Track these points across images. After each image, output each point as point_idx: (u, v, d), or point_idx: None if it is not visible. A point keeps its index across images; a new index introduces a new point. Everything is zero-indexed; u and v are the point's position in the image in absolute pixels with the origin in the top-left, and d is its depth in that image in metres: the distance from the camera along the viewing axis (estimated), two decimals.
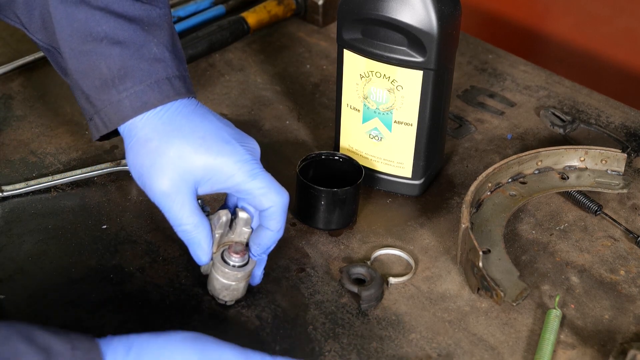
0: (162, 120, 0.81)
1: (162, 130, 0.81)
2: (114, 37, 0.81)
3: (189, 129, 0.81)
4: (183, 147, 0.80)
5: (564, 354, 0.82)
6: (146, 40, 0.82)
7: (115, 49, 0.81)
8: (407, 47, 0.89)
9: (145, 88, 0.81)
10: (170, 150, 0.80)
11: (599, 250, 0.93)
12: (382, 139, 0.96)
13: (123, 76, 0.81)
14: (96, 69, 0.81)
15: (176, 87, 0.82)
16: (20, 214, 0.95)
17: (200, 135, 0.81)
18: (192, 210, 0.81)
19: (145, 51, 0.82)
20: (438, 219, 0.97)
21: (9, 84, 1.14)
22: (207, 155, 0.80)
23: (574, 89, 1.17)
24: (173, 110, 0.82)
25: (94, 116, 0.83)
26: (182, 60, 0.85)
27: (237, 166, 0.81)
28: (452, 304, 0.87)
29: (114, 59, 0.81)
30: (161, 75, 0.82)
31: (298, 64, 1.21)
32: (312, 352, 0.81)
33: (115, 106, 0.81)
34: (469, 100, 1.15)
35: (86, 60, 0.81)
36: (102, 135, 0.85)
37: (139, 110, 0.81)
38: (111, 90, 0.81)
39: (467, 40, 1.26)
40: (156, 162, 0.80)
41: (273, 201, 0.81)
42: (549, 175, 0.99)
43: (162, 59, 0.82)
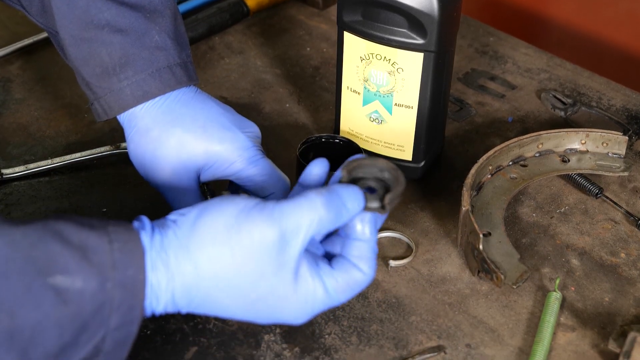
0: (162, 109, 0.81)
1: (162, 119, 0.80)
2: (116, 24, 0.80)
3: (189, 117, 0.80)
4: (183, 135, 0.80)
5: (564, 336, 0.82)
6: (148, 28, 0.81)
7: (116, 36, 0.80)
8: (407, 29, 0.89)
9: (147, 77, 0.80)
10: (171, 139, 0.80)
11: (599, 233, 0.93)
12: (383, 121, 0.96)
13: (124, 64, 0.80)
14: (97, 57, 0.80)
15: (177, 75, 0.82)
16: (20, 197, 0.95)
17: (200, 123, 0.80)
18: (194, 199, 0.81)
19: (146, 39, 0.81)
20: (438, 201, 0.97)
21: (7, 67, 1.14)
22: (208, 143, 0.80)
23: (575, 72, 1.17)
24: (173, 99, 0.81)
25: (94, 102, 0.83)
26: (185, 46, 0.85)
27: (237, 153, 0.81)
28: (452, 286, 0.87)
29: (115, 47, 0.80)
30: (162, 63, 0.81)
31: (298, 47, 1.21)
32: (313, 335, 0.81)
33: (116, 94, 0.81)
34: (470, 83, 1.14)
35: (87, 47, 0.81)
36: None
37: (140, 99, 0.80)
38: (112, 79, 0.80)
39: (468, 23, 1.25)
40: (157, 151, 0.80)
41: (274, 188, 0.81)
42: (549, 158, 0.99)
43: (163, 47, 0.82)
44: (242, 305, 0.66)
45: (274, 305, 0.66)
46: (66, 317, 0.60)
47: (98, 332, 0.61)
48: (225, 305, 0.66)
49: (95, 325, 0.61)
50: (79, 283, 0.60)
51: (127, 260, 0.62)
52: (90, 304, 0.60)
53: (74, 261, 0.60)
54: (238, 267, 0.64)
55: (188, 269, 0.64)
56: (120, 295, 0.61)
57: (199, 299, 0.65)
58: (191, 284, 0.65)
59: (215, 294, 0.65)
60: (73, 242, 0.61)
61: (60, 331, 0.59)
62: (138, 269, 0.62)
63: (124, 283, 0.61)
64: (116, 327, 0.62)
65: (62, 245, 0.61)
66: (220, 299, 0.65)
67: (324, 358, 0.79)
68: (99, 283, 0.60)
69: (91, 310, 0.60)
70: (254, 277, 0.65)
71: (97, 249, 0.61)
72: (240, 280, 0.64)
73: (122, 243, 0.62)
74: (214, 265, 0.64)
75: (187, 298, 0.65)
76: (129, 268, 0.62)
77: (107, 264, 0.61)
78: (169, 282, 0.64)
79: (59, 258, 0.60)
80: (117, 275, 0.61)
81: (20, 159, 0.99)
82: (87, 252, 0.61)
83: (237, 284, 0.65)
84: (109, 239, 0.62)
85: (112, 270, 0.61)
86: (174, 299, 0.65)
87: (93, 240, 0.62)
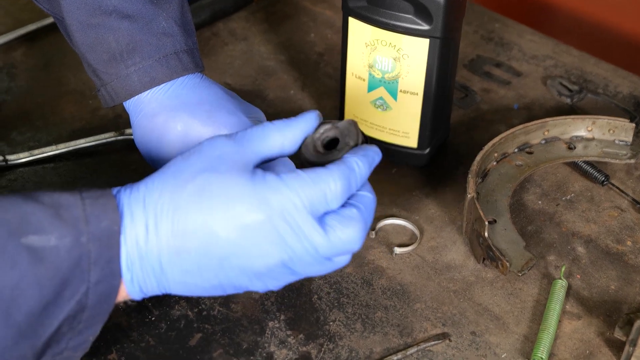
0: (168, 95, 0.81)
1: (169, 105, 0.80)
2: (123, 10, 0.80)
3: (195, 103, 0.80)
4: (190, 121, 0.79)
5: (569, 324, 0.82)
6: (155, 14, 0.81)
7: (124, 22, 0.80)
8: (413, 14, 0.88)
9: (154, 63, 0.80)
10: (177, 125, 0.79)
11: (605, 220, 0.93)
12: (388, 108, 0.95)
13: (131, 51, 0.80)
14: (104, 43, 0.80)
15: (184, 62, 0.82)
16: (25, 183, 0.94)
17: (206, 108, 0.80)
18: None
19: (154, 25, 0.81)
20: (443, 189, 0.96)
21: (11, 54, 1.14)
22: (214, 128, 0.79)
23: (582, 59, 1.16)
24: (179, 85, 0.81)
25: (101, 88, 0.83)
26: (191, 33, 0.84)
27: None
28: (457, 274, 0.86)
29: (122, 33, 0.80)
30: (169, 50, 0.81)
31: (302, 33, 1.20)
32: (317, 322, 0.81)
33: (123, 81, 0.80)
34: (475, 69, 1.14)
35: (94, 33, 0.80)
36: None
37: (147, 85, 0.80)
38: (119, 65, 0.80)
39: (474, 9, 1.24)
40: (163, 137, 0.80)
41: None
42: (555, 145, 0.99)
43: (170, 33, 0.81)
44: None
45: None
46: (44, 275, 0.59)
47: (80, 288, 0.61)
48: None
49: (76, 281, 0.61)
50: (53, 240, 0.60)
51: (99, 213, 0.61)
52: (67, 260, 0.60)
53: (47, 219, 0.60)
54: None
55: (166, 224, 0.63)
56: (97, 248, 0.61)
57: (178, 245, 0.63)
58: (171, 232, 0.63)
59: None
60: (45, 202, 0.61)
61: (40, 290, 0.59)
62: (112, 221, 0.61)
63: (99, 236, 0.61)
64: (97, 281, 0.61)
65: (34, 205, 0.60)
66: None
67: (328, 345, 0.79)
68: (73, 238, 0.60)
69: (69, 266, 0.60)
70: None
71: (69, 206, 0.61)
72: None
73: (93, 199, 0.62)
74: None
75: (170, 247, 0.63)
76: (103, 220, 0.61)
77: (80, 219, 0.61)
78: (148, 228, 0.63)
79: (31, 218, 0.60)
80: (91, 229, 0.61)
81: (24, 146, 0.99)
82: (60, 210, 0.61)
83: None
84: (80, 196, 0.62)
85: (85, 225, 0.61)
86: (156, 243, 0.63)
87: (65, 198, 0.61)
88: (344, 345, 0.79)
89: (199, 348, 0.79)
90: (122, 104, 0.83)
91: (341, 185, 0.64)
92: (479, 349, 0.79)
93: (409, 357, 0.78)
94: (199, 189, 0.63)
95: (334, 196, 0.64)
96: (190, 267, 0.63)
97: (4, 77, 1.09)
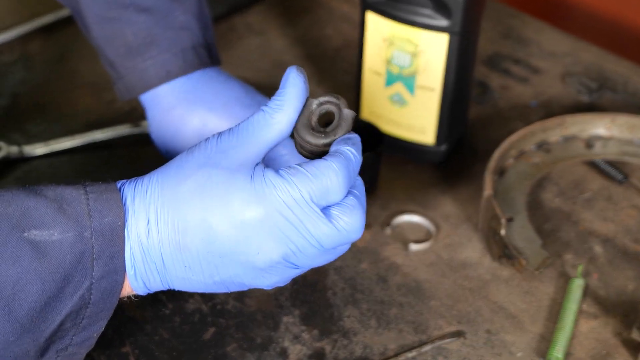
0: (185, 88, 0.80)
1: (185, 98, 0.80)
2: (141, 4, 0.80)
3: (212, 97, 0.80)
4: (206, 114, 0.79)
5: (586, 323, 0.81)
6: (172, 8, 0.81)
7: (141, 16, 0.79)
8: (432, 9, 0.88)
9: (171, 57, 0.80)
10: (194, 119, 0.79)
11: (623, 219, 0.92)
12: (405, 104, 0.94)
13: (149, 44, 0.80)
14: (121, 36, 0.80)
15: (201, 56, 0.82)
16: (40, 175, 0.95)
17: (223, 102, 0.80)
18: None
19: (171, 19, 0.80)
20: (460, 186, 0.95)
21: (27, 45, 1.14)
22: (230, 122, 0.79)
23: (601, 56, 1.15)
24: (196, 79, 0.81)
25: (117, 82, 0.83)
26: (209, 27, 0.84)
27: None
28: (472, 271, 0.86)
29: (139, 27, 0.80)
30: (186, 44, 0.81)
31: (319, 28, 1.20)
32: (332, 317, 0.81)
33: (140, 74, 0.80)
34: (493, 66, 1.13)
35: (111, 27, 0.80)
36: None
37: (164, 79, 0.80)
38: (136, 58, 0.80)
39: (493, 5, 1.23)
40: (180, 131, 0.80)
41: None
42: (574, 143, 0.98)
43: (188, 27, 0.81)
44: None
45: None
46: (46, 270, 0.59)
47: (83, 283, 0.60)
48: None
49: (79, 276, 0.60)
50: (56, 235, 0.59)
51: (103, 208, 0.61)
52: (69, 255, 0.59)
53: (49, 214, 0.59)
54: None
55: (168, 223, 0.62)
56: (100, 243, 0.60)
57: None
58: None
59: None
60: (48, 196, 0.60)
61: (43, 285, 0.59)
62: (115, 216, 0.61)
63: (102, 231, 0.60)
64: (101, 277, 0.61)
65: (37, 200, 0.60)
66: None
67: (342, 341, 0.79)
68: (76, 233, 0.59)
69: (72, 261, 0.59)
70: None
71: (72, 201, 0.60)
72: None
73: (97, 193, 0.61)
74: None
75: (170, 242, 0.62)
76: (106, 216, 0.60)
77: (83, 214, 0.60)
78: (150, 223, 0.62)
79: (34, 212, 0.59)
80: (94, 224, 0.60)
81: (40, 137, 0.99)
82: (62, 204, 0.60)
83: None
84: (84, 190, 0.61)
85: (88, 219, 0.60)
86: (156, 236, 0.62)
87: (68, 192, 0.60)
88: (358, 341, 0.79)
89: (213, 342, 0.79)
90: (137, 97, 0.83)
91: (342, 177, 0.62)
92: (494, 347, 0.79)
93: (424, 354, 0.78)
94: (199, 184, 0.62)
95: (336, 189, 0.62)
96: (191, 264, 0.63)
97: (19, 68, 1.10)
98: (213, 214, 0.61)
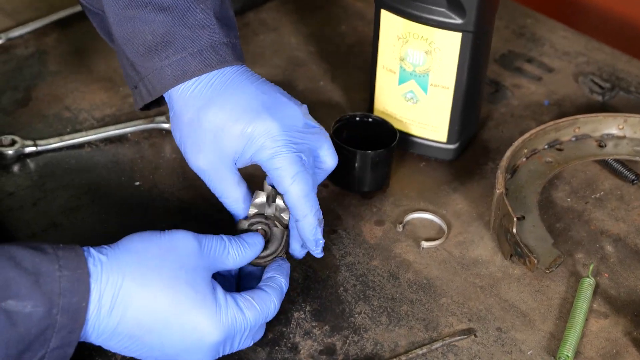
0: (201, 90, 0.79)
1: (200, 99, 0.79)
2: (159, 2, 0.79)
3: (225, 98, 0.79)
4: (218, 117, 0.77)
5: (596, 322, 0.81)
6: (192, 6, 0.80)
7: (159, 15, 0.79)
8: (446, 8, 0.88)
9: (187, 56, 0.79)
10: (205, 122, 0.78)
11: (634, 219, 0.92)
12: (418, 101, 0.95)
13: (166, 43, 0.79)
14: (140, 36, 0.79)
15: (222, 54, 0.80)
16: (54, 168, 0.95)
17: (239, 104, 0.78)
18: (232, 184, 0.80)
19: (190, 17, 0.79)
20: (472, 184, 0.96)
21: (43, 39, 1.14)
22: (243, 125, 0.78)
23: (614, 56, 1.15)
24: (215, 79, 0.79)
25: (138, 84, 0.82)
26: (233, 27, 0.83)
27: (263, 139, 0.78)
28: (484, 269, 0.86)
29: (157, 26, 0.79)
30: (205, 42, 0.79)
31: (333, 25, 1.20)
32: (343, 314, 0.81)
33: (158, 74, 0.79)
34: (506, 65, 1.13)
35: (130, 26, 0.80)
36: (148, 104, 0.84)
37: (180, 79, 0.79)
38: (154, 58, 0.79)
39: (506, 4, 1.23)
40: (191, 136, 0.79)
41: (285, 189, 0.78)
42: (586, 142, 0.98)
43: (208, 25, 0.80)
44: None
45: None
46: (14, 337, 0.64)
47: (39, 352, 0.66)
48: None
49: (38, 346, 0.66)
50: (29, 307, 0.65)
51: (73, 288, 0.67)
52: (36, 327, 0.65)
53: (26, 287, 0.65)
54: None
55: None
56: (63, 319, 0.66)
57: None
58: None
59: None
60: (27, 268, 0.66)
61: (7, 351, 0.64)
62: (82, 297, 0.67)
63: (68, 309, 0.66)
64: (55, 348, 0.67)
65: (17, 271, 0.65)
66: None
67: (353, 337, 0.79)
68: (46, 309, 0.65)
69: (36, 332, 0.65)
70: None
71: (47, 276, 0.66)
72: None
73: (70, 271, 0.67)
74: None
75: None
76: (74, 296, 0.66)
77: (55, 292, 0.66)
78: (105, 309, 0.69)
79: (13, 284, 0.65)
80: (63, 302, 0.66)
81: (54, 131, 1.00)
82: (39, 278, 0.66)
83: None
84: (59, 265, 0.67)
85: (58, 298, 0.66)
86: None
87: (45, 266, 0.66)
88: (369, 337, 0.79)
89: None
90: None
91: (276, 306, 0.76)
92: (505, 345, 0.79)
93: (434, 351, 0.78)
94: (162, 284, 0.70)
95: (270, 315, 0.75)
96: (134, 350, 0.71)
97: (35, 62, 1.10)
98: (169, 324, 0.70)
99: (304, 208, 0.78)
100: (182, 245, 0.72)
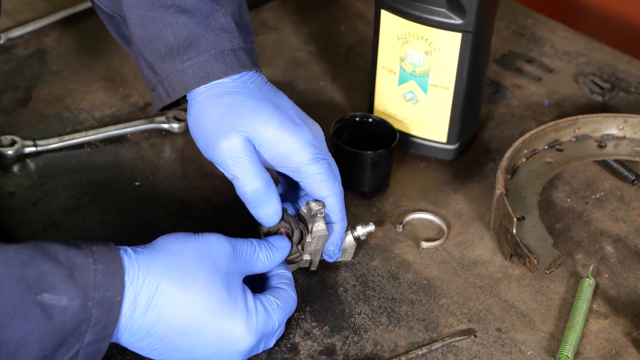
0: (222, 90, 0.79)
1: (221, 101, 0.79)
2: (182, 4, 0.79)
3: (257, 102, 0.79)
4: (249, 120, 0.78)
5: (596, 323, 0.81)
6: (213, 9, 0.80)
7: (182, 17, 0.79)
8: (446, 8, 0.88)
9: (210, 58, 0.79)
10: (228, 120, 0.78)
11: (634, 220, 0.92)
12: (418, 102, 0.95)
13: (188, 45, 0.79)
14: (162, 37, 0.79)
15: (241, 59, 0.80)
16: (54, 168, 0.95)
17: (268, 110, 0.78)
18: (260, 169, 0.79)
19: (212, 20, 0.80)
20: (472, 184, 0.96)
21: (43, 39, 1.14)
22: (274, 131, 0.78)
23: (614, 56, 1.15)
24: (236, 82, 0.79)
25: (157, 86, 0.82)
26: (249, 33, 0.83)
27: (300, 145, 0.78)
28: (484, 270, 0.86)
29: (180, 28, 0.79)
30: (226, 46, 0.80)
31: (333, 25, 1.20)
32: (343, 314, 0.81)
33: (179, 75, 0.79)
34: (507, 65, 1.13)
35: (152, 28, 0.80)
36: (164, 106, 0.84)
37: (202, 80, 0.79)
38: (175, 59, 0.79)
39: (506, 4, 1.23)
40: (211, 132, 0.78)
41: (330, 190, 0.79)
42: (586, 143, 0.98)
43: (228, 29, 0.80)
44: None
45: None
46: (49, 332, 0.64)
47: (74, 347, 0.66)
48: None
49: (73, 340, 0.66)
50: (64, 301, 0.65)
51: (107, 281, 0.66)
52: (71, 321, 0.65)
53: (62, 280, 0.65)
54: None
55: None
56: (98, 313, 0.66)
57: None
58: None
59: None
60: (62, 262, 0.65)
61: (42, 345, 0.64)
62: (116, 290, 0.67)
63: (102, 303, 0.66)
64: (89, 343, 0.66)
65: (52, 265, 0.65)
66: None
67: (353, 337, 0.79)
68: (81, 302, 0.65)
69: (71, 326, 0.65)
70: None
71: (82, 269, 0.66)
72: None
73: (105, 264, 0.67)
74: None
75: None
76: (109, 290, 0.66)
77: (90, 285, 0.66)
78: (140, 308, 0.68)
79: (48, 277, 0.64)
80: (98, 295, 0.66)
81: (54, 131, 1.00)
82: (74, 272, 0.65)
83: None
84: (93, 259, 0.67)
85: (93, 291, 0.66)
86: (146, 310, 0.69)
87: (79, 260, 0.66)
88: (369, 338, 0.79)
89: None
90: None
91: (296, 301, 0.78)
92: (505, 345, 0.79)
93: (434, 352, 0.78)
94: (199, 287, 0.70)
95: (292, 311, 0.77)
96: (163, 352, 0.70)
97: (35, 62, 1.10)
98: (204, 328, 0.70)
99: (344, 210, 0.81)
100: (216, 248, 0.72)
